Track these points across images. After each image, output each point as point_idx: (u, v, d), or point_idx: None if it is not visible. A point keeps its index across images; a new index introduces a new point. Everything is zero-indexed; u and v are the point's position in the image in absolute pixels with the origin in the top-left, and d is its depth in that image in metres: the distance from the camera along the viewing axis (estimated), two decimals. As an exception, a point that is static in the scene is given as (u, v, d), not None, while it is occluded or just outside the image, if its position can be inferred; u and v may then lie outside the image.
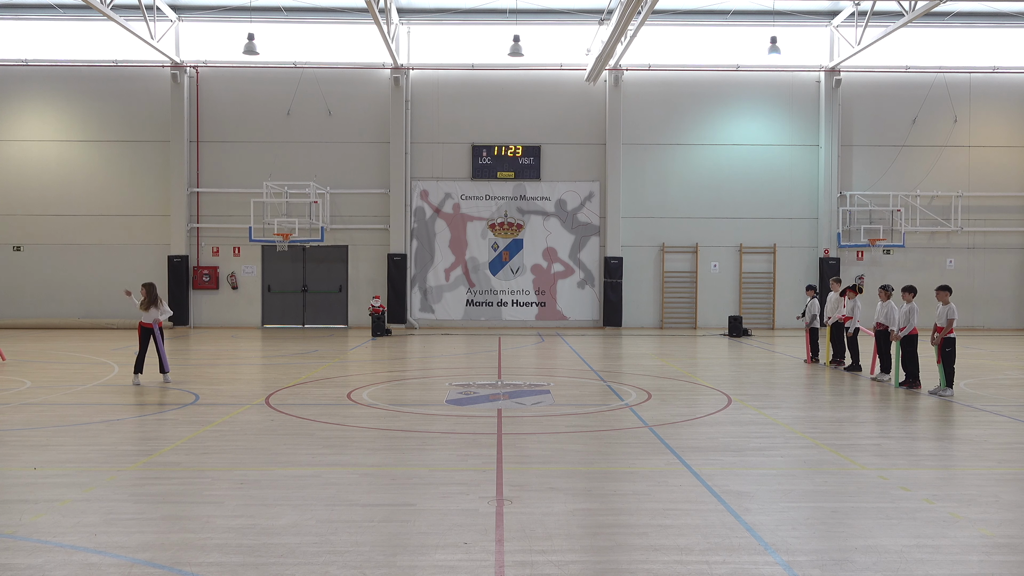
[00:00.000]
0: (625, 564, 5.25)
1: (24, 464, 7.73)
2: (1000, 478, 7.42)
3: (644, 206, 26.49)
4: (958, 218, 26.37)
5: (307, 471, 7.46)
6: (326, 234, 25.90)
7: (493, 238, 26.42)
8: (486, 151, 26.21)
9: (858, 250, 26.64)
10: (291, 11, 25.46)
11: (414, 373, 15.01)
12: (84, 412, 10.61)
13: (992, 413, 10.78)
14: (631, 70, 26.16)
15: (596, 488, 7.02)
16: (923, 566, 5.17)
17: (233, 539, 5.59)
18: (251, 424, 9.73)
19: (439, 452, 8.26)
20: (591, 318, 26.50)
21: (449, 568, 5.09)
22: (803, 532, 5.82)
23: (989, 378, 14.46)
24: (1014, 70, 26.45)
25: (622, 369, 15.65)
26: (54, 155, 26.26)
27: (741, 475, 7.37)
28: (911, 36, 25.83)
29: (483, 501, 6.46)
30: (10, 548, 5.42)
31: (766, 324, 26.58)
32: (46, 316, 25.91)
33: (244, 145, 26.24)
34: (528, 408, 10.86)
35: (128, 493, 6.76)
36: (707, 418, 10.27)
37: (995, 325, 26.66)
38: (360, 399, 11.53)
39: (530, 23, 25.51)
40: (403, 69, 25.85)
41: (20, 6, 25.57)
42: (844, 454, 8.25)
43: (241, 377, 14.45)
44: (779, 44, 24.77)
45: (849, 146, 26.55)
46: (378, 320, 23.51)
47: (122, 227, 26.27)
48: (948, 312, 12.12)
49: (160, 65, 25.81)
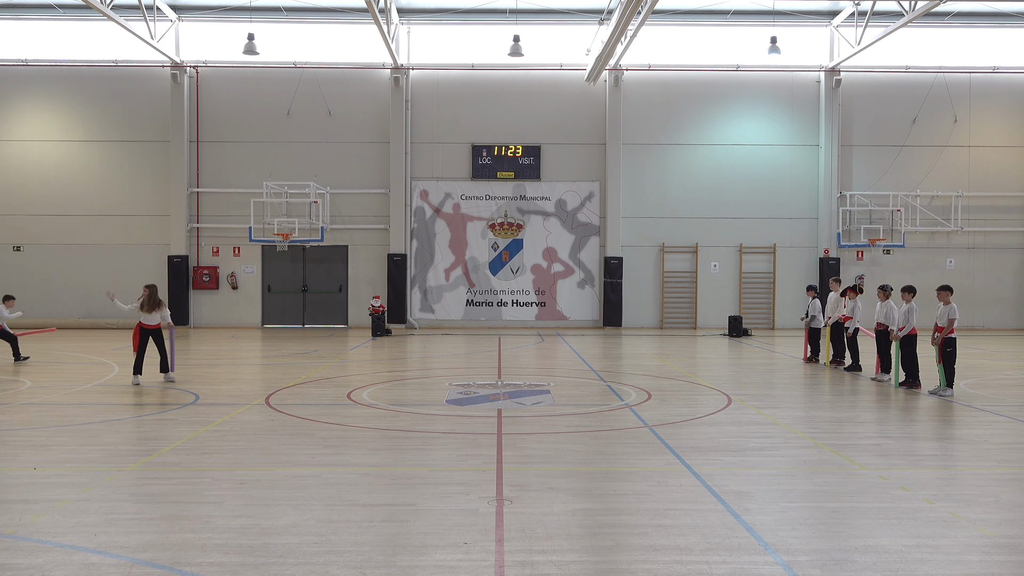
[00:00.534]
0: (625, 564, 5.25)
1: (24, 464, 7.73)
2: (1000, 478, 7.42)
3: (644, 206, 26.49)
4: (958, 218, 26.37)
5: (307, 471, 7.46)
6: (326, 234, 25.90)
7: (493, 238, 26.42)
8: (486, 151, 26.21)
9: (858, 250, 26.64)
10: (291, 11, 25.46)
11: (414, 373, 15.01)
12: (84, 412, 10.62)
13: (992, 413, 10.78)
14: (631, 70, 26.16)
15: (596, 488, 7.02)
16: (923, 566, 5.17)
17: (233, 539, 5.59)
18: (251, 424, 9.73)
19: (439, 452, 8.26)
20: (591, 318, 26.50)
21: (449, 568, 5.09)
22: (803, 532, 5.82)
23: (989, 378, 14.46)
24: (1014, 70, 26.45)
25: (622, 369, 15.65)
26: (54, 155, 26.26)
27: (741, 475, 7.37)
28: (911, 36, 25.82)
29: (483, 501, 6.46)
30: (10, 548, 5.42)
31: (766, 324, 26.58)
32: (46, 316, 25.88)
33: (244, 145, 26.25)
34: (528, 408, 10.86)
35: (128, 493, 6.76)
36: (707, 418, 10.27)
37: (995, 325, 26.66)
38: (360, 399, 11.53)
39: (530, 23, 25.51)
40: (403, 69, 25.84)
41: (20, 6, 25.58)
42: (844, 454, 8.25)
43: (241, 377, 14.45)
44: (779, 44, 24.77)
45: (849, 146, 26.55)
46: (378, 320, 23.51)
47: (122, 227, 26.28)
48: (949, 312, 12.12)
49: (160, 65, 25.82)
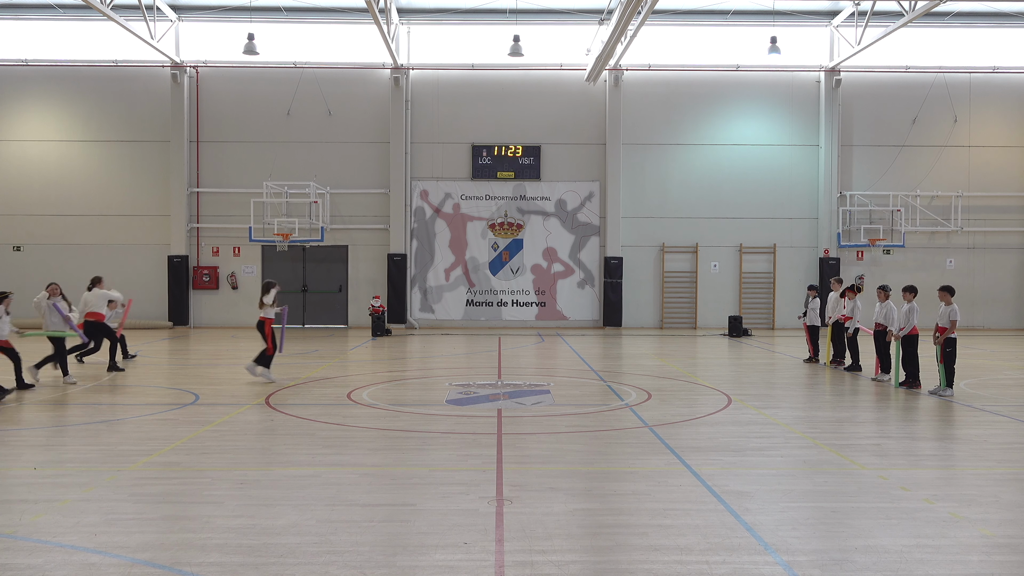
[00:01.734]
0: (625, 564, 5.25)
1: (24, 464, 7.73)
2: (1000, 478, 7.42)
3: (644, 206, 26.49)
4: (958, 218, 26.37)
5: (307, 471, 7.45)
6: (326, 234, 25.90)
7: (493, 238, 26.42)
8: (486, 151, 26.21)
9: (858, 250, 26.64)
10: (291, 11, 25.46)
11: (414, 373, 15.01)
12: (84, 412, 10.62)
13: (992, 413, 10.77)
14: (631, 70, 26.16)
15: (596, 488, 7.02)
16: (923, 566, 5.17)
17: (233, 539, 5.59)
18: (251, 424, 9.73)
19: (439, 452, 8.26)
20: (591, 318, 26.49)
21: (449, 568, 5.09)
22: (803, 532, 5.82)
23: (989, 378, 14.45)
24: (1014, 70, 26.46)
25: (622, 369, 15.65)
26: (54, 155, 26.25)
27: (741, 475, 7.37)
28: (911, 36, 25.83)
29: (483, 501, 6.46)
30: (10, 548, 5.42)
31: (766, 324, 26.57)
32: (46, 316, 25.88)
33: (244, 145, 26.24)
34: (528, 408, 10.86)
35: (128, 493, 6.75)
36: (707, 418, 10.27)
37: (995, 325, 26.66)
38: (360, 399, 11.53)
39: (530, 23, 25.51)
40: (403, 69, 25.84)
41: (20, 6, 25.57)
42: (844, 454, 8.25)
43: (241, 377, 14.43)
44: (779, 44, 24.77)
45: (849, 146, 26.55)
46: (378, 320, 23.50)
47: (122, 227, 26.27)
48: (950, 313, 12.12)
49: (160, 65, 25.82)
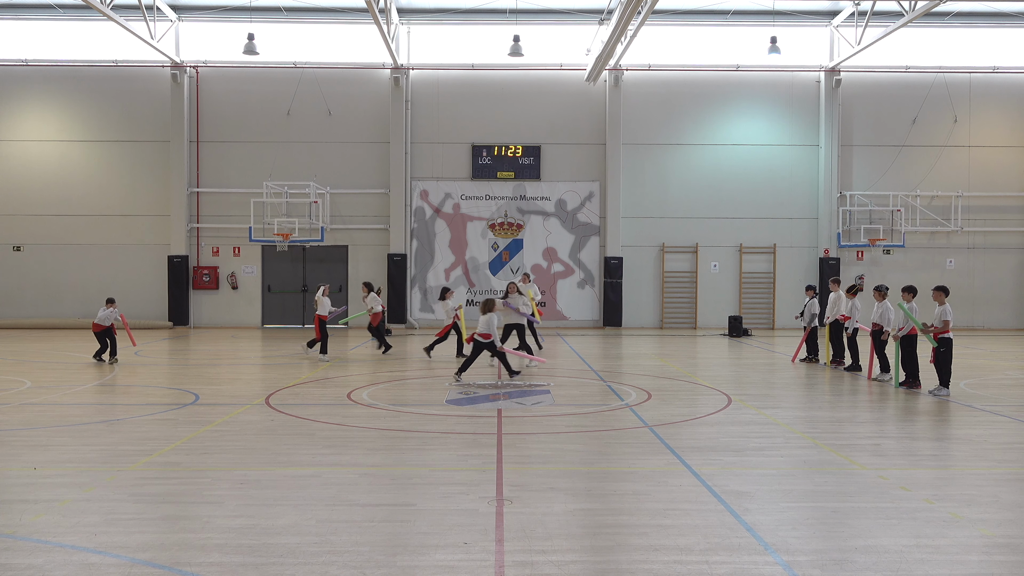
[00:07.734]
0: (625, 564, 5.25)
1: (24, 464, 7.73)
2: (1000, 478, 7.42)
3: (644, 206, 26.48)
4: (958, 218, 26.36)
5: (307, 471, 7.46)
6: (326, 234, 25.90)
7: (493, 238, 26.42)
8: (486, 151, 26.21)
9: (858, 250, 26.64)
10: (291, 11, 25.45)
11: (414, 373, 15.01)
12: (84, 412, 10.62)
13: (992, 413, 10.78)
14: (631, 70, 26.16)
15: (596, 488, 7.02)
16: (923, 566, 5.17)
17: (233, 539, 5.59)
18: (251, 424, 9.73)
19: (439, 452, 8.26)
20: (591, 318, 26.49)
21: (449, 568, 5.09)
22: (803, 532, 5.82)
23: (989, 378, 14.46)
24: (1014, 70, 26.45)
25: (622, 369, 15.65)
26: (54, 155, 26.25)
27: (741, 475, 7.37)
28: (911, 36, 25.82)
29: (483, 501, 6.46)
30: (10, 548, 5.42)
31: (766, 324, 26.57)
32: (46, 316, 25.90)
33: (244, 145, 26.24)
34: (528, 408, 10.86)
35: (128, 493, 6.75)
36: (707, 418, 10.27)
37: (995, 325, 26.66)
38: (360, 399, 11.53)
39: (530, 23, 25.51)
40: (403, 69, 25.84)
41: (20, 6, 25.56)
42: (844, 454, 8.25)
43: (241, 377, 14.45)
44: (779, 44, 24.75)
45: (849, 146, 26.54)
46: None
47: (122, 227, 26.27)
48: (943, 313, 12.15)
49: (160, 65, 25.81)
